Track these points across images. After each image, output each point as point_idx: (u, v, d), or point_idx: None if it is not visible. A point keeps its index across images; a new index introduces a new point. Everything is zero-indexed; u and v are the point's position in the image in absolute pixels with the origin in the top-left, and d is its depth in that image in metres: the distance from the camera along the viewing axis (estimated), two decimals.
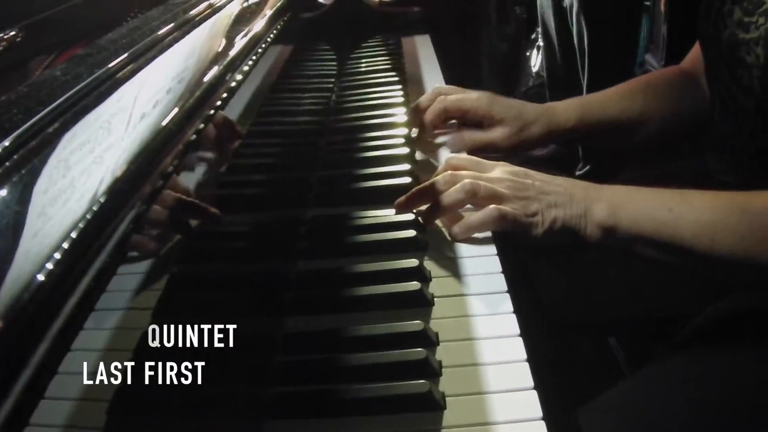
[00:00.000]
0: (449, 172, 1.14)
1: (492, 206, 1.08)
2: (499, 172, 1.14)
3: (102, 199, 0.50)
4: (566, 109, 1.44)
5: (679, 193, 1.08)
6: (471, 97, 1.41)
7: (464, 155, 1.21)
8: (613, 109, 1.45)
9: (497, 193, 1.09)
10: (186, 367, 0.70)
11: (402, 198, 1.15)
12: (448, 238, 1.12)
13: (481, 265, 1.05)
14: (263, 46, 1.05)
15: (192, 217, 0.81)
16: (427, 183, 1.14)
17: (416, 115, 1.46)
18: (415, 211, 1.16)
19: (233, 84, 0.88)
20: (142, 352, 0.62)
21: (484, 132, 1.40)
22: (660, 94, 1.48)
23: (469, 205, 1.12)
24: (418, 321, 0.91)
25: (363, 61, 2.06)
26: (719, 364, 1.09)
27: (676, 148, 1.93)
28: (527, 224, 1.08)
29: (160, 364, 0.65)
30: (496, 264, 1.04)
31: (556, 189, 1.11)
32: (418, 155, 1.39)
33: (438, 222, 1.15)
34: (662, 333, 1.30)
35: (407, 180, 1.24)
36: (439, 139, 1.46)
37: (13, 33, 0.81)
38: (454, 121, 1.47)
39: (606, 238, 1.08)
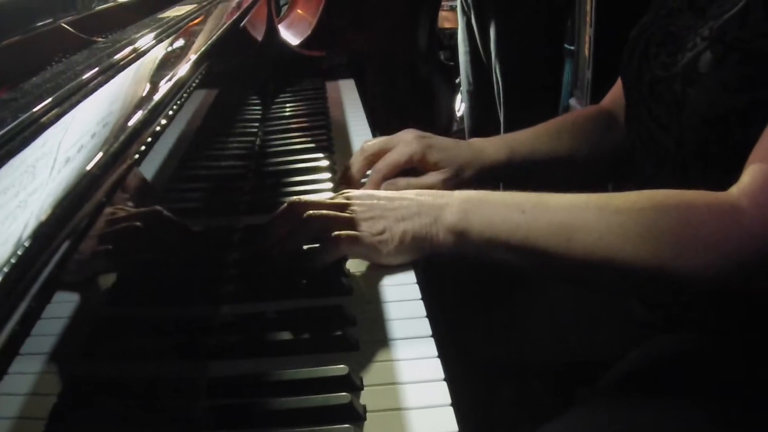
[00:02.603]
0: (290, 203, 1.15)
1: (331, 235, 1.08)
2: (342, 198, 1.14)
3: (27, 243, 0.50)
4: (495, 146, 1.44)
5: (534, 195, 1.08)
6: (405, 150, 1.39)
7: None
8: (542, 147, 1.45)
9: (339, 219, 1.10)
10: (110, 411, 0.70)
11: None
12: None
13: (406, 309, 1.05)
14: (188, 90, 1.04)
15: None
16: (274, 217, 1.16)
17: (351, 184, 1.42)
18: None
19: (158, 128, 0.88)
20: (66, 397, 0.61)
21: (421, 179, 1.39)
22: (584, 133, 1.49)
23: None
24: (342, 365, 0.91)
25: (287, 105, 2.07)
26: (642, 408, 1.09)
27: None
28: (376, 243, 1.09)
29: (84, 409, 0.65)
30: (420, 308, 1.05)
31: (402, 203, 1.11)
32: None
33: (359, 265, 1.16)
34: (585, 376, 1.31)
35: None
36: None
37: None
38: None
39: (459, 244, 1.07)
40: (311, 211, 1.10)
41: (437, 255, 1.10)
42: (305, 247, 1.13)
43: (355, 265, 1.15)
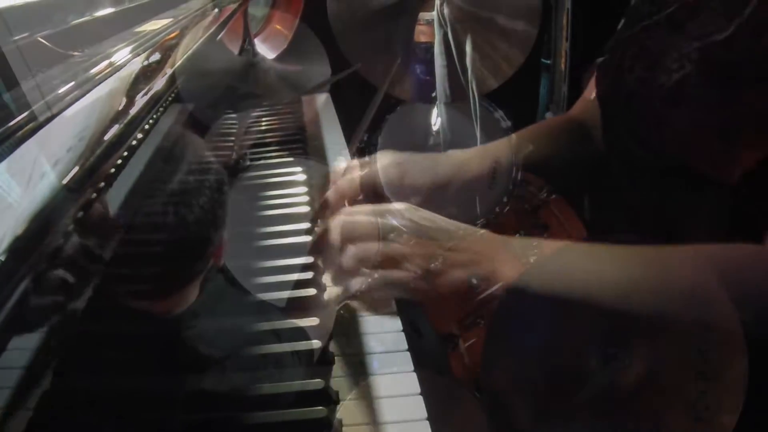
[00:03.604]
0: (341, 220, 1.10)
1: (381, 275, 1.04)
2: (402, 215, 1.09)
3: (2, 258, 0.50)
4: (479, 159, 1.40)
5: (589, 251, 1.06)
6: (379, 172, 1.33)
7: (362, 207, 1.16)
8: (522, 156, 1.44)
9: (392, 252, 1.05)
10: (87, 425, 0.69)
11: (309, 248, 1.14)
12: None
13: (382, 323, 1.05)
14: (164, 104, 1.04)
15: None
16: (321, 234, 1.12)
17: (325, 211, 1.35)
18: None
19: (134, 142, 0.88)
20: (43, 411, 0.61)
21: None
22: (559, 142, 1.47)
23: None
24: (319, 379, 0.91)
25: (263, 119, 2.07)
26: (621, 423, 1.09)
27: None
28: (424, 287, 1.04)
29: (60, 424, 0.64)
30: (396, 322, 1.05)
31: (460, 244, 1.06)
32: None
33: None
34: (565, 392, 1.30)
35: (308, 238, 1.24)
36: None
37: None
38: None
39: (515, 298, 1.04)
40: (361, 248, 1.06)
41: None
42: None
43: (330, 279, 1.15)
